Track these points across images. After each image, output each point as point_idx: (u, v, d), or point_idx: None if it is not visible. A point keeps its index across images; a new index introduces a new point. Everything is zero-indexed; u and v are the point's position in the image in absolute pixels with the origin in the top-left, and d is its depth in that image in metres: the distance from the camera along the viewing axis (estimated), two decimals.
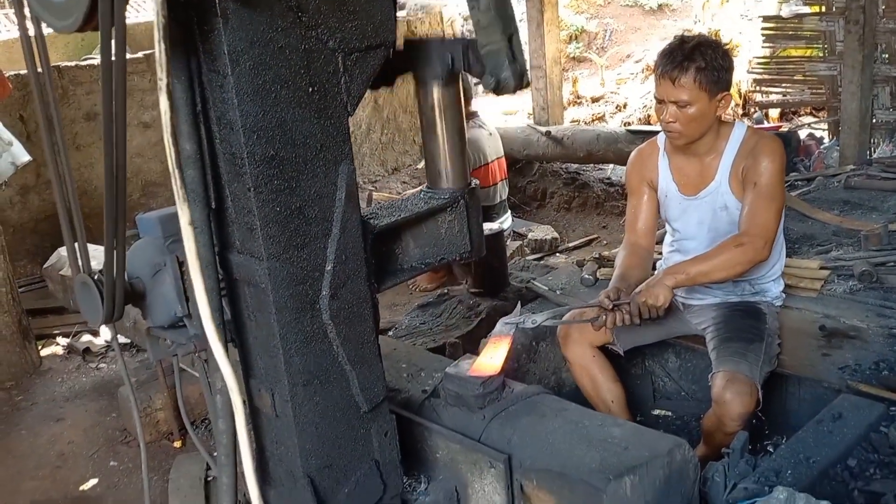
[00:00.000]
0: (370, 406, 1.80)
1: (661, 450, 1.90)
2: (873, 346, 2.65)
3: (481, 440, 2.03)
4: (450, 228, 1.97)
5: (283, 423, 1.71)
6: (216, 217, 1.63)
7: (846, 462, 2.08)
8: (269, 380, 1.71)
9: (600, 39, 11.49)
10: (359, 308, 1.74)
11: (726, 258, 2.36)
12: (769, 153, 2.43)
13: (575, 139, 6.87)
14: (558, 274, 3.62)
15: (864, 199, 4.48)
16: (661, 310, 2.34)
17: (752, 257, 2.37)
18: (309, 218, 1.62)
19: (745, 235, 2.38)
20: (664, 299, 2.33)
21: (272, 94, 1.51)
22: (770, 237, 2.39)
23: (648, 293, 2.34)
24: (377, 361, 1.81)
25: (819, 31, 5.89)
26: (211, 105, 1.52)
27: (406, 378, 2.37)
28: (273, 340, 1.64)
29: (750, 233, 2.38)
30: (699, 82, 2.33)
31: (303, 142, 1.58)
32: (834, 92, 5.91)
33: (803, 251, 3.66)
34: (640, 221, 2.69)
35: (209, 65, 1.48)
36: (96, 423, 3.65)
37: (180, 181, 0.95)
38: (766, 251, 2.39)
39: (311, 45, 1.54)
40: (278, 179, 1.55)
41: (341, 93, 1.62)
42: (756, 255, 2.37)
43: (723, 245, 2.41)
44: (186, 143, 1.49)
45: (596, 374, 2.71)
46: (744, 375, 2.33)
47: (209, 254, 1.55)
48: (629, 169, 2.76)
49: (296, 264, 1.62)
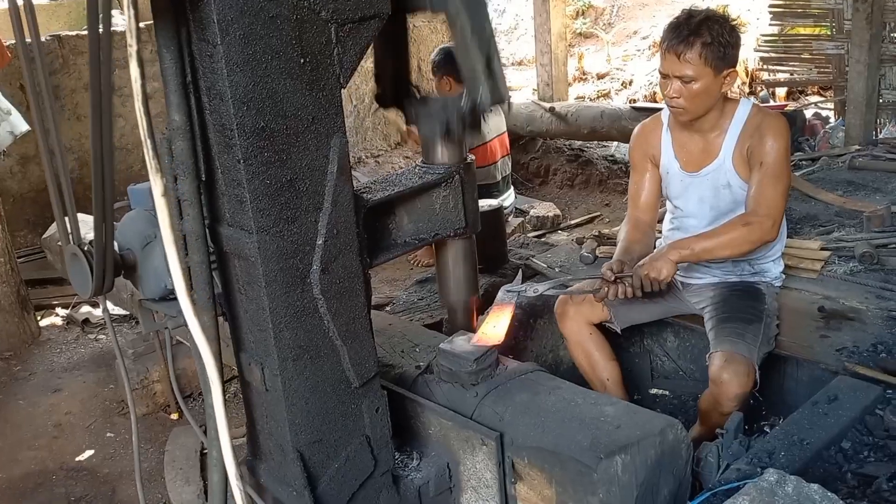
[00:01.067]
0: (361, 381, 1.79)
1: (653, 429, 1.89)
2: (872, 328, 2.63)
3: (474, 417, 2.02)
4: (444, 203, 1.95)
5: (272, 397, 1.71)
6: (206, 189, 1.61)
7: (840, 444, 2.07)
8: (258, 354, 1.70)
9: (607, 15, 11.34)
10: (350, 283, 1.72)
11: (733, 236, 2.35)
12: (775, 132, 2.39)
13: (579, 116, 6.81)
14: (558, 251, 3.59)
15: (869, 180, 4.43)
16: (663, 283, 2.34)
17: (759, 237, 2.35)
18: (300, 191, 1.60)
19: (754, 215, 2.36)
20: (667, 273, 2.32)
21: (263, 64, 1.48)
22: (778, 217, 2.37)
23: (651, 266, 2.32)
24: (368, 337, 1.80)
25: (827, 8, 5.80)
26: (201, 75, 1.50)
27: (400, 353, 2.36)
28: (263, 314, 1.63)
29: (758, 212, 2.35)
30: (705, 58, 2.29)
31: (294, 114, 1.55)
32: (841, 71, 5.84)
33: (805, 232, 3.62)
34: (642, 197, 2.68)
35: (199, 34, 1.45)
36: (94, 394, 3.66)
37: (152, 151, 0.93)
38: (775, 231, 2.37)
39: (303, 15, 1.51)
40: (269, 152, 1.53)
41: (334, 64, 1.59)
42: (764, 235, 2.35)
43: (730, 223, 2.39)
44: (175, 113, 1.47)
45: (592, 351, 2.70)
46: (741, 355, 2.32)
47: (199, 227, 1.53)
48: (632, 144, 2.73)
49: (286, 238, 1.60)
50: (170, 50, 1.44)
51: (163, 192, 0.95)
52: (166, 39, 1.44)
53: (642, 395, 3.12)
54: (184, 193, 1.51)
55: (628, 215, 2.70)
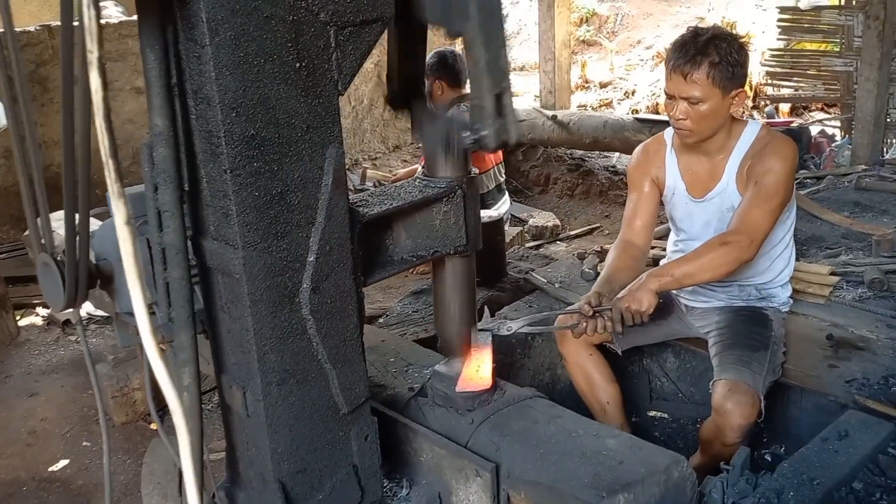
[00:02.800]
0: (350, 408, 1.68)
1: (658, 466, 1.79)
2: (882, 359, 2.54)
3: (468, 446, 1.92)
4: (445, 220, 1.84)
5: (254, 423, 1.60)
6: (190, 200, 1.51)
7: (851, 485, 1.97)
8: (241, 376, 1.59)
9: (611, 23, 11.28)
10: (342, 303, 1.62)
11: (711, 258, 2.24)
12: (778, 154, 2.30)
13: (581, 125, 6.72)
14: (558, 266, 3.50)
15: (876, 202, 4.34)
16: (645, 315, 2.21)
17: (737, 256, 2.24)
18: (291, 204, 1.49)
19: (732, 234, 2.27)
20: (648, 304, 2.20)
21: (255, 67, 1.37)
22: (758, 237, 2.27)
23: (632, 298, 2.21)
24: (360, 360, 1.69)
25: (837, 25, 5.73)
26: (187, 77, 1.39)
27: (393, 373, 2.25)
28: (247, 335, 1.52)
29: (737, 231, 2.26)
30: (712, 78, 2.19)
31: (287, 121, 1.45)
32: (848, 88, 5.77)
33: (811, 253, 3.53)
34: (638, 218, 2.56)
35: (186, 33, 1.34)
36: (72, 399, 3.53)
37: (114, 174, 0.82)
38: (752, 250, 2.26)
39: (300, 17, 1.40)
40: (258, 161, 1.42)
41: (332, 70, 1.49)
42: (741, 254, 2.25)
43: (708, 244, 2.29)
44: (158, 117, 1.36)
45: (592, 373, 2.60)
46: (746, 385, 2.22)
47: (180, 240, 1.42)
48: (632, 164, 2.62)
49: (274, 254, 1.49)
50: (154, 49, 1.33)
51: (125, 220, 0.84)
52: (150, 38, 1.32)
53: (640, 416, 3.03)
54: (164, 204, 1.40)
55: (620, 237, 2.57)
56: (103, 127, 0.82)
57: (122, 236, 0.89)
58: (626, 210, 2.62)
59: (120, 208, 0.86)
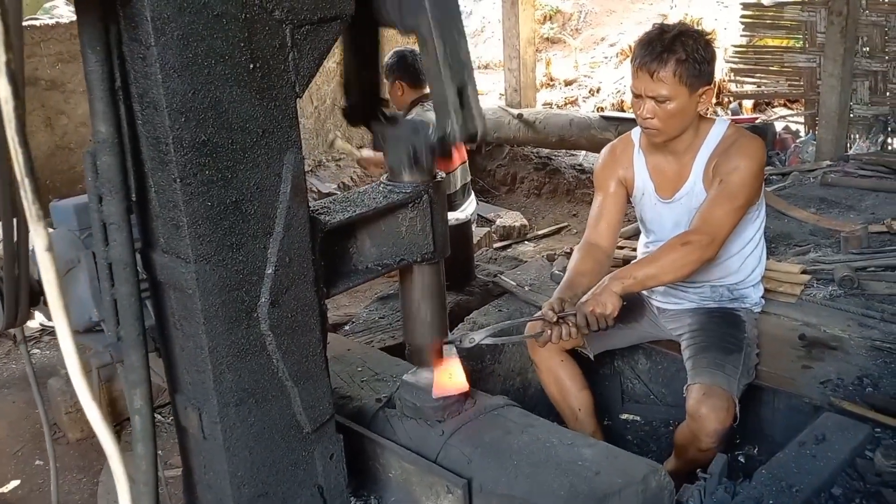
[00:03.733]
0: (314, 426, 1.60)
1: (635, 476, 1.74)
2: (856, 358, 2.52)
3: (438, 459, 1.85)
4: (411, 226, 1.77)
5: (211, 445, 1.51)
6: (138, 210, 1.41)
7: (830, 491, 1.93)
8: (196, 397, 1.50)
9: (575, 20, 11.27)
10: (304, 317, 1.53)
11: (672, 259, 2.20)
12: (744, 153, 2.26)
13: (547, 123, 6.69)
14: (527, 268, 3.44)
15: (841, 197, 4.36)
16: (610, 319, 2.15)
17: (698, 256, 2.20)
18: (247, 214, 1.41)
19: (693, 233, 2.23)
20: (612, 307, 2.14)
21: (205, 69, 1.28)
22: (719, 236, 2.23)
23: (596, 302, 2.15)
24: (324, 376, 1.61)
25: (800, 21, 5.75)
26: (132, 80, 1.30)
27: (360, 384, 2.17)
28: (201, 354, 1.43)
29: (699, 230, 2.22)
30: (679, 76, 2.15)
31: (241, 126, 1.36)
32: (812, 84, 5.80)
33: (780, 251, 3.52)
34: (603, 220, 2.50)
35: (130, 33, 1.26)
36: (24, 415, 3.37)
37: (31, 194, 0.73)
38: (714, 249, 2.23)
39: (253, 14, 1.32)
40: (210, 169, 1.34)
41: (289, 71, 1.40)
42: (703, 254, 2.20)
43: (669, 244, 2.25)
44: (101, 124, 1.27)
45: (564, 380, 2.54)
46: (721, 388, 2.18)
47: (127, 254, 1.33)
48: (599, 164, 2.57)
49: (230, 267, 1.40)
50: (95, 51, 1.23)
51: (46, 247, 0.75)
52: (91, 38, 1.23)
53: (613, 420, 2.99)
54: (110, 216, 1.31)
55: (584, 240, 2.51)
56: (16, 141, 0.72)
57: (44, 265, 0.79)
58: (591, 211, 2.57)
59: (40, 233, 0.76)
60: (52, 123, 5.26)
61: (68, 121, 5.37)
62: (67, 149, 5.43)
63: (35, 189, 0.76)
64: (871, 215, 4.00)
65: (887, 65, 5.36)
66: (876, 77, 5.44)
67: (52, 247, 0.76)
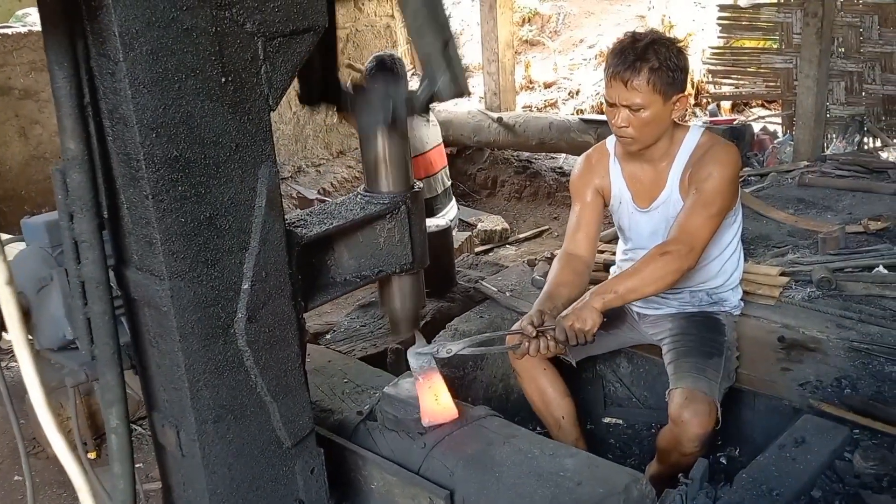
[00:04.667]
0: (294, 441, 1.59)
1: (617, 486, 1.74)
2: (834, 360, 2.53)
3: (421, 471, 1.84)
4: (389, 237, 1.76)
5: (190, 463, 1.49)
6: (110, 226, 1.39)
7: (810, 494, 1.94)
8: (173, 414, 1.48)
9: (553, 23, 11.30)
10: (281, 331, 1.52)
11: (652, 270, 2.20)
12: (719, 161, 2.27)
13: (527, 127, 6.69)
14: (508, 273, 3.43)
15: (819, 198, 4.40)
16: (589, 334, 2.15)
17: (678, 266, 2.20)
18: (221, 229, 1.39)
19: (672, 243, 2.23)
20: (592, 323, 2.14)
21: (175, 84, 1.27)
22: (698, 244, 2.23)
23: (576, 317, 2.15)
24: (303, 390, 1.60)
25: (776, 22, 5.80)
26: (101, 96, 1.28)
27: (341, 396, 2.16)
28: (177, 371, 1.41)
29: (677, 239, 2.22)
30: (653, 84, 2.16)
31: (214, 141, 1.34)
32: (789, 85, 5.85)
33: (759, 253, 3.54)
34: (581, 230, 2.50)
35: (98, 48, 1.24)
36: (3, 430, 3.33)
37: None
38: (693, 258, 2.23)
39: (224, 28, 1.30)
40: (183, 185, 1.32)
41: (261, 84, 1.39)
42: (682, 264, 2.21)
43: (648, 256, 2.25)
44: (70, 141, 1.25)
45: (546, 388, 2.53)
46: (702, 393, 2.18)
47: (100, 272, 1.31)
48: (575, 174, 2.57)
49: (205, 283, 1.39)
50: (62, 67, 1.22)
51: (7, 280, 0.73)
52: (58, 54, 1.21)
53: (595, 424, 2.99)
54: (81, 234, 1.29)
55: (563, 250, 2.51)
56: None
57: (4, 298, 0.77)
58: (569, 221, 2.57)
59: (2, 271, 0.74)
60: (27, 133, 5.19)
61: (43, 130, 5.30)
62: (43, 158, 5.36)
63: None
64: (849, 215, 4.03)
65: (862, 65, 5.42)
66: (852, 77, 5.50)
67: (12, 281, 0.74)
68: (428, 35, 1.47)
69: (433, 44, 1.48)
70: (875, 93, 5.47)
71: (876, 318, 2.77)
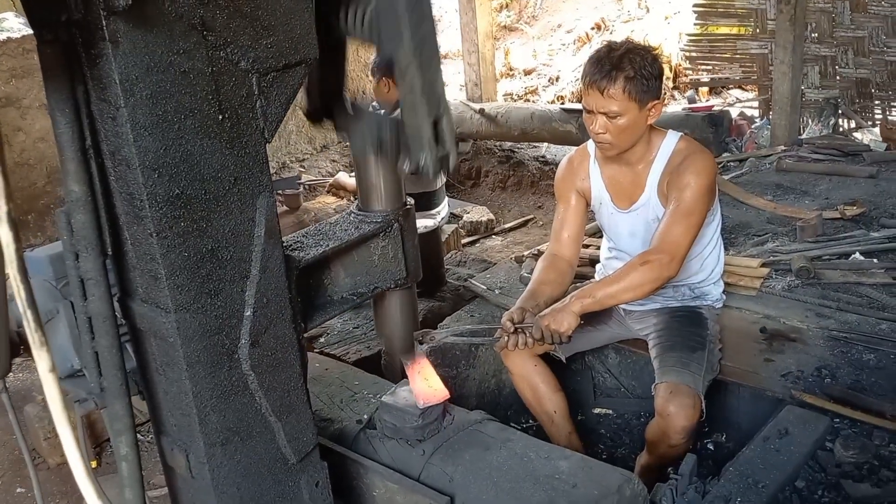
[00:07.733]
0: (299, 457, 1.64)
1: (610, 487, 1.81)
2: (814, 349, 2.62)
3: (421, 478, 1.90)
4: (383, 255, 1.81)
5: (199, 485, 1.54)
6: (115, 261, 1.43)
7: (794, 484, 2.03)
8: (182, 439, 1.53)
9: (531, 8, 11.31)
10: (283, 354, 1.57)
11: (632, 278, 2.28)
12: (696, 169, 2.33)
13: (509, 117, 6.73)
14: (496, 271, 3.49)
15: (797, 183, 4.49)
16: (564, 336, 2.24)
17: (658, 275, 2.28)
18: (223, 260, 1.44)
19: (653, 252, 2.30)
20: (568, 326, 2.23)
21: (175, 125, 1.31)
22: (679, 253, 2.31)
23: (553, 318, 2.23)
24: (305, 408, 1.65)
25: (750, 8, 5.86)
26: (102, 138, 1.32)
27: (339, 405, 2.21)
28: (185, 398, 1.46)
29: (659, 249, 2.30)
30: (629, 92, 2.22)
31: (213, 176, 1.39)
32: (765, 70, 5.92)
33: (739, 242, 3.62)
34: (565, 230, 2.59)
35: (98, 93, 1.27)
36: (2, 442, 3.36)
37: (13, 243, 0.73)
38: (675, 267, 2.30)
39: (219, 67, 1.34)
40: (185, 221, 1.36)
41: (257, 118, 1.43)
42: (662, 272, 2.28)
43: (630, 264, 2.33)
44: (74, 184, 1.29)
45: (538, 384, 2.61)
46: (687, 387, 2.26)
47: (106, 307, 1.35)
48: (558, 176, 2.65)
49: (209, 313, 1.43)
50: (64, 113, 1.25)
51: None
52: (59, 101, 1.25)
53: (586, 415, 3.06)
54: (87, 272, 1.33)
55: (548, 250, 2.60)
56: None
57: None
58: (554, 222, 2.65)
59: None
60: (10, 140, 5.16)
61: (25, 137, 5.27)
62: (27, 165, 5.33)
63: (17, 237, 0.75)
64: (825, 200, 4.12)
65: (835, 49, 5.50)
66: (825, 62, 5.58)
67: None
68: (421, 109, 1.49)
69: (425, 121, 1.49)
70: (848, 76, 5.57)
71: (853, 305, 2.86)
